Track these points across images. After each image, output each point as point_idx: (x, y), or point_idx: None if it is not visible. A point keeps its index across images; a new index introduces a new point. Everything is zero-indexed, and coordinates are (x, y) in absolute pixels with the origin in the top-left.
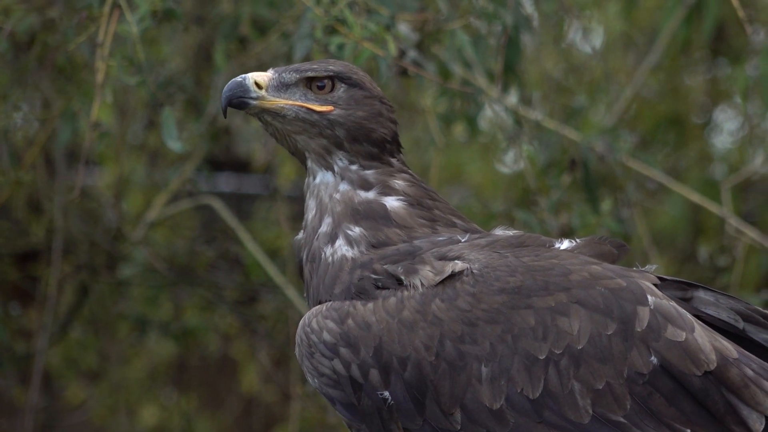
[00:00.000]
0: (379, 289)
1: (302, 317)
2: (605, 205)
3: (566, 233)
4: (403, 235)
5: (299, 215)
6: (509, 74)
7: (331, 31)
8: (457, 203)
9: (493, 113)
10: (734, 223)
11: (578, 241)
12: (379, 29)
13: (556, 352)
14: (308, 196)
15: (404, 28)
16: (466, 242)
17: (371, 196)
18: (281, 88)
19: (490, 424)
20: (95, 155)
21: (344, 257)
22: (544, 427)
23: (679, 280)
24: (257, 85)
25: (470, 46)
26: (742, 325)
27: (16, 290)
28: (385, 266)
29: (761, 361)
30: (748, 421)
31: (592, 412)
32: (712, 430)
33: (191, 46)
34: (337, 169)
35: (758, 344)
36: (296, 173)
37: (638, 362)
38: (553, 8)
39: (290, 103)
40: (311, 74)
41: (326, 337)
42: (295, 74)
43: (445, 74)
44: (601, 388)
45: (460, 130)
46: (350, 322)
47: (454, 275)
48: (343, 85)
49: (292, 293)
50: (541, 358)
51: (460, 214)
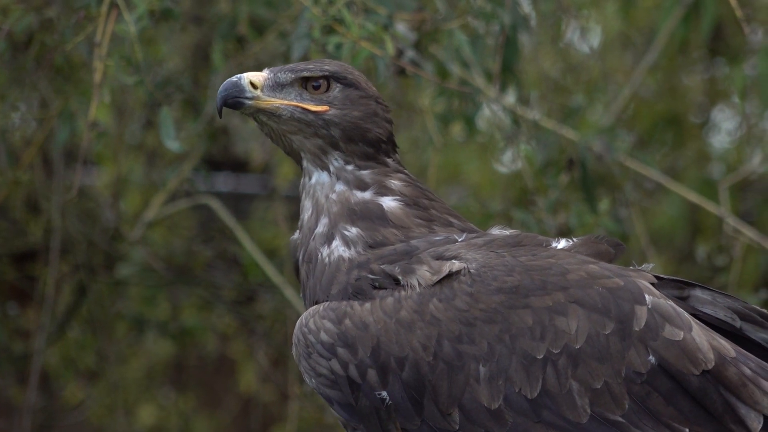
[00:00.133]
0: (376, 289)
1: (300, 317)
2: (603, 204)
3: (564, 233)
4: (400, 235)
5: (297, 215)
6: (507, 74)
7: (328, 30)
8: (455, 203)
9: (491, 113)
10: (732, 222)
11: (575, 240)
12: (376, 29)
13: (554, 351)
14: (304, 196)
15: (402, 27)
16: (463, 242)
17: (368, 196)
18: (277, 88)
19: (488, 424)
20: (93, 155)
21: (341, 258)
22: (542, 426)
23: (675, 278)
24: (252, 85)
25: (468, 45)
26: (739, 323)
27: (14, 290)
28: (382, 266)
29: (759, 359)
30: (746, 420)
31: (590, 411)
32: (710, 429)
33: (189, 45)
34: (332, 169)
35: (756, 343)
36: (294, 173)
37: (636, 361)
38: (550, 8)
39: (286, 103)
40: (307, 74)
41: (324, 337)
42: (290, 74)
43: (443, 74)
44: (599, 387)
45: (457, 129)
46: (348, 322)
47: (451, 275)
48: (338, 85)
49: (290, 293)
50: (539, 357)
51: (456, 213)
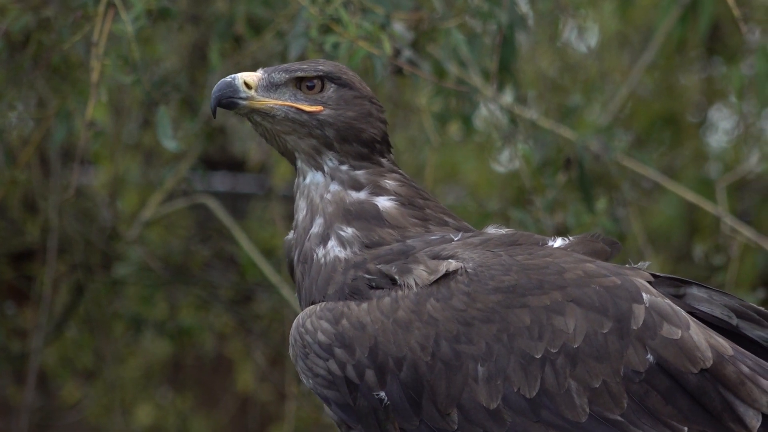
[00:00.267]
0: (373, 289)
1: (296, 318)
2: (600, 204)
3: (561, 232)
4: (396, 234)
5: (293, 215)
6: (504, 73)
7: (326, 30)
8: (452, 202)
9: (488, 112)
10: (729, 222)
11: (571, 238)
12: (374, 28)
13: (552, 351)
14: (298, 196)
15: (399, 27)
16: (459, 241)
17: (362, 196)
18: (271, 88)
19: (487, 423)
20: (90, 154)
21: (337, 258)
22: (541, 426)
23: (671, 276)
24: (247, 85)
25: (465, 45)
26: (735, 321)
27: (11, 289)
28: (378, 266)
29: (756, 357)
30: (744, 418)
31: (589, 410)
32: (709, 427)
33: (186, 45)
34: (327, 169)
35: (753, 341)
36: (291, 173)
37: (634, 360)
38: (548, 7)
39: (280, 103)
40: (301, 74)
41: (321, 337)
42: (284, 74)
43: (440, 73)
44: (597, 386)
45: (455, 129)
46: (345, 322)
47: (448, 274)
48: (332, 85)
49: (287, 292)
50: (537, 357)
51: (450, 212)
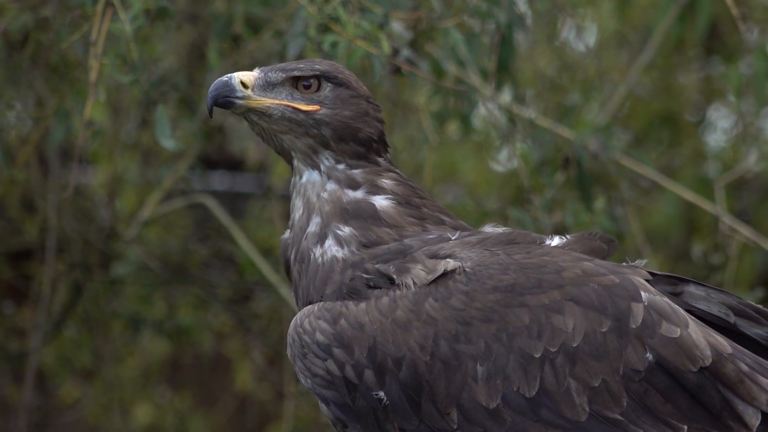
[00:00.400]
0: (371, 288)
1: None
2: (599, 203)
3: (560, 231)
4: (393, 234)
5: None
6: (503, 72)
7: (324, 29)
8: (450, 202)
9: (486, 111)
10: (728, 221)
11: (568, 237)
12: (372, 27)
13: (551, 350)
14: (294, 195)
15: (398, 26)
16: (456, 240)
17: (359, 195)
18: (267, 87)
19: (486, 423)
20: (89, 154)
21: (335, 258)
22: (541, 425)
23: (669, 274)
24: (243, 84)
25: (464, 44)
26: (733, 319)
27: (9, 289)
28: (376, 266)
29: (755, 355)
30: (744, 416)
31: (588, 409)
32: (708, 425)
33: (184, 44)
34: (323, 168)
35: (750, 339)
36: (289, 172)
37: (634, 359)
38: (546, 6)
39: (276, 102)
40: (297, 73)
41: (319, 337)
42: (281, 73)
43: (438, 72)
44: (597, 385)
45: (453, 128)
46: (343, 322)
47: (446, 274)
48: (329, 84)
49: (285, 292)
50: (536, 356)
51: (447, 211)
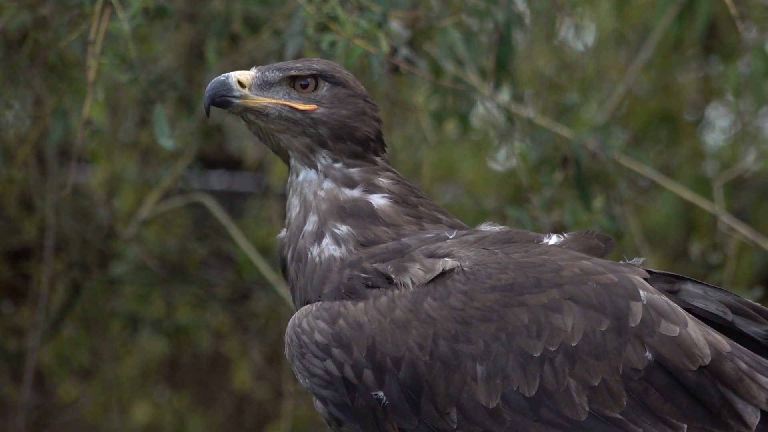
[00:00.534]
0: (369, 288)
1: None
2: (597, 202)
3: (558, 230)
4: (390, 232)
5: None
6: (501, 71)
7: (322, 28)
8: (449, 201)
9: (485, 111)
10: (726, 220)
11: (566, 235)
12: (371, 26)
13: (550, 349)
14: (291, 193)
15: (396, 25)
16: (454, 239)
17: (356, 194)
18: (264, 86)
19: (486, 423)
20: (87, 153)
21: (332, 257)
22: (541, 425)
23: (666, 273)
24: (240, 83)
25: (462, 43)
26: (731, 317)
27: (8, 288)
28: (374, 265)
29: (753, 354)
30: (743, 414)
31: (588, 409)
32: (708, 424)
33: (183, 43)
34: (320, 166)
35: (748, 337)
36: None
37: (633, 358)
38: (545, 5)
39: (273, 101)
40: (294, 73)
41: (318, 337)
42: (278, 73)
43: (437, 71)
44: (596, 384)
45: (452, 127)
46: (342, 322)
47: (444, 273)
48: (326, 83)
49: (284, 291)
50: (535, 355)
51: (443, 210)
